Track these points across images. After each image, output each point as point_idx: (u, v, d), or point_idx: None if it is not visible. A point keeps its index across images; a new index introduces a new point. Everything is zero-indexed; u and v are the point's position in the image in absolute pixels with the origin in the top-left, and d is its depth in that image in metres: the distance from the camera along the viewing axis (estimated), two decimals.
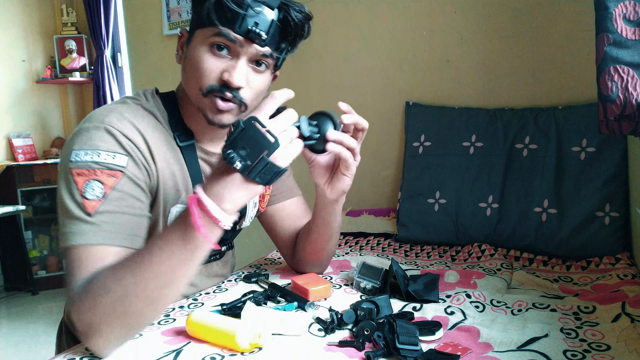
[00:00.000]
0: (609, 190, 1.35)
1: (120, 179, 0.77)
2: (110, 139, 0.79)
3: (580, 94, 1.53)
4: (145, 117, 0.86)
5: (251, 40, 0.81)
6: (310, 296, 0.94)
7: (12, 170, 3.04)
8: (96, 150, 0.77)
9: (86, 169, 0.76)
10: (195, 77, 0.84)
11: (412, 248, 1.54)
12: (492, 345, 0.77)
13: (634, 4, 0.84)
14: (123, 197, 0.77)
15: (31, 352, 2.30)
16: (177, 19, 2.69)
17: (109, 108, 0.84)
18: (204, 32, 0.83)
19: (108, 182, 0.76)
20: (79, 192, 0.75)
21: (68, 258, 0.74)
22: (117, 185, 0.77)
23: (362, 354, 0.74)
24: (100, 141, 0.78)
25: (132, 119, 0.83)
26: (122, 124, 0.81)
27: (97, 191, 0.75)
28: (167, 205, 0.87)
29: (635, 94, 0.82)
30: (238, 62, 0.83)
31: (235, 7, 0.79)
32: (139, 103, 0.89)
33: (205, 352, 0.74)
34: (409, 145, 1.70)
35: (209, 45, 0.83)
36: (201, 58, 0.83)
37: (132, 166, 0.79)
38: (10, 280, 3.20)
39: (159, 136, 0.86)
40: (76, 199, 0.75)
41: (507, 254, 1.38)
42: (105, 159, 0.77)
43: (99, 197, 0.75)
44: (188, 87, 0.87)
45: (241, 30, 0.80)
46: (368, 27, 1.95)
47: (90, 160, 0.76)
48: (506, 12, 1.67)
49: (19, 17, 3.27)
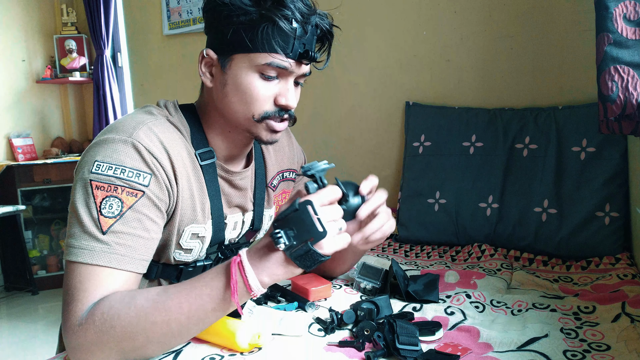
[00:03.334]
0: (609, 190, 1.35)
1: (140, 198, 0.75)
2: (137, 156, 0.75)
3: (580, 94, 1.53)
4: (172, 132, 0.83)
5: (301, 62, 0.81)
6: (311, 296, 0.94)
7: (12, 170, 3.04)
8: (121, 166, 0.74)
9: (107, 184, 0.73)
10: (247, 104, 0.82)
11: (412, 248, 1.54)
12: (492, 346, 0.77)
13: (634, 4, 0.84)
14: (139, 219, 0.75)
15: (31, 352, 2.30)
16: (177, 19, 2.69)
17: (138, 120, 0.80)
18: (251, 59, 0.79)
19: (127, 201, 0.74)
20: (96, 207, 0.73)
21: (71, 273, 0.72)
22: (136, 205, 0.74)
23: (362, 354, 0.74)
24: (125, 156, 0.75)
25: (160, 135, 0.79)
26: (150, 141, 0.77)
27: (114, 209, 0.73)
28: (182, 225, 0.85)
29: (636, 94, 0.82)
30: (288, 83, 0.82)
31: (289, 31, 0.77)
32: (165, 115, 0.85)
33: (205, 352, 0.74)
34: (409, 145, 1.70)
35: (259, 72, 0.80)
36: (253, 85, 0.80)
37: (154, 186, 0.77)
38: (10, 280, 3.19)
39: (183, 154, 0.83)
40: (92, 213, 0.72)
41: (507, 254, 1.38)
42: (128, 176, 0.74)
43: (115, 215, 0.73)
44: (235, 113, 0.84)
45: (293, 55, 0.79)
46: (368, 27, 1.95)
47: (112, 175, 0.73)
48: (506, 12, 1.67)
49: (19, 17, 3.27)
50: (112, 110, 3.22)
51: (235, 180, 0.93)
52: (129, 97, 3.22)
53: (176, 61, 2.71)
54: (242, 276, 0.68)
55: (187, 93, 1.02)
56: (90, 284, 0.70)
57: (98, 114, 3.25)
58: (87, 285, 0.70)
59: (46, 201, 3.26)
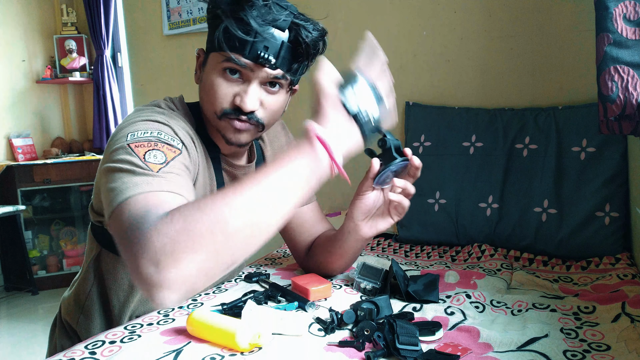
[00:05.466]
0: (609, 190, 1.35)
1: (178, 154, 0.76)
2: (168, 128, 0.79)
3: (580, 94, 1.53)
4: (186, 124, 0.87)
5: (261, 64, 0.82)
6: (311, 296, 0.94)
7: (12, 170, 3.04)
8: (157, 130, 0.77)
9: (147, 142, 0.74)
10: (210, 101, 0.86)
11: (412, 248, 1.54)
12: (492, 346, 0.77)
13: (634, 3, 0.84)
14: (182, 169, 0.75)
15: (31, 352, 2.31)
16: (177, 19, 2.69)
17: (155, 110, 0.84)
18: (216, 57, 0.84)
19: (169, 154, 0.74)
20: (140, 159, 0.70)
21: (133, 207, 0.62)
22: (177, 158, 0.75)
23: (362, 354, 0.74)
24: (160, 126, 0.78)
25: (180, 121, 0.85)
26: (176, 122, 0.82)
27: (159, 158, 0.72)
28: None
29: (636, 94, 0.82)
30: (250, 86, 0.84)
31: (243, 36, 0.79)
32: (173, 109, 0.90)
33: (205, 352, 0.74)
34: (409, 145, 1.70)
35: (221, 70, 0.84)
36: (214, 82, 0.84)
37: (185, 153, 0.79)
38: (10, 280, 3.19)
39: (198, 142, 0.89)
40: (137, 163, 0.69)
41: (507, 254, 1.38)
42: (165, 138, 0.76)
43: (161, 162, 0.71)
44: (205, 108, 0.89)
45: (250, 56, 0.81)
46: (368, 27, 1.95)
47: (150, 135, 0.75)
48: (506, 12, 1.67)
49: (19, 17, 3.27)
50: (112, 110, 3.22)
51: (239, 174, 0.97)
52: (129, 97, 3.22)
53: (176, 61, 2.71)
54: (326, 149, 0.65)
55: (187, 93, 1.02)
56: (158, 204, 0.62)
57: (98, 114, 3.25)
58: (154, 205, 0.61)
59: (46, 201, 3.26)
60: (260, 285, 1.06)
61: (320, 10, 0.89)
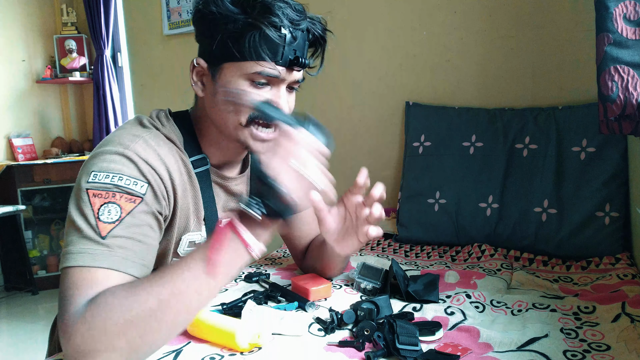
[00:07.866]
0: (609, 191, 1.35)
1: (138, 204, 0.73)
2: (133, 166, 0.75)
3: (580, 94, 1.53)
4: (166, 144, 0.82)
5: (292, 69, 0.81)
6: (311, 296, 0.94)
7: (12, 170, 3.03)
8: (118, 174, 0.73)
9: (104, 191, 0.72)
10: (236, 110, 0.81)
11: (412, 248, 1.54)
12: (492, 346, 0.77)
13: (634, 3, 0.84)
14: (138, 224, 0.73)
15: (31, 352, 2.30)
16: (177, 19, 2.69)
17: (133, 133, 0.80)
18: (240, 67, 0.79)
19: (126, 207, 0.72)
20: (94, 214, 0.70)
21: (69, 279, 0.67)
22: (134, 210, 0.73)
23: (362, 354, 0.74)
24: (122, 166, 0.74)
25: (157, 148, 0.79)
26: (146, 153, 0.77)
27: (113, 214, 0.71)
28: (179, 234, 0.85)
29: (636, 94, 0.82)
30: (280, 90, 0.82)
31: (277, 39, 0.76)
32: (157, 127, 0.84)
33: (205, 352, 0.74)
34: (409, 146, 1.70)
35: (249, 80, 0.80)
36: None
37: (150, 195, 0.76)
38: (10, 280, 3.19)
39: (179, 164, 0.83)
40: (89, 220, 0.70)
41: (507, 254, 1.38)
42: (126, 184, 0.73)
43: (114, 220, 0.70)
44: (225, 121, 0.83)
45: (283, 62, 0.79)
46: (368, 27, 1.95)
47: (110, 182, 0.72)
48: (506, 12, 1.67)
49: (19, 17, 3.27)
50: (112, 110, 3.22)
51: (230, 186, 0.93)
52: (129, 97, 3.22)
53: (176, 61, 2.71)
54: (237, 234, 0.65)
55: (187, 93, 1.02)
56: (90, 284, 0.66)
57: (98, 114, 3.25)
58: (87, 284, 0.66)
59: (46, 201, 3.26)
60: (260, 285, 1.06)
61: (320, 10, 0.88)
